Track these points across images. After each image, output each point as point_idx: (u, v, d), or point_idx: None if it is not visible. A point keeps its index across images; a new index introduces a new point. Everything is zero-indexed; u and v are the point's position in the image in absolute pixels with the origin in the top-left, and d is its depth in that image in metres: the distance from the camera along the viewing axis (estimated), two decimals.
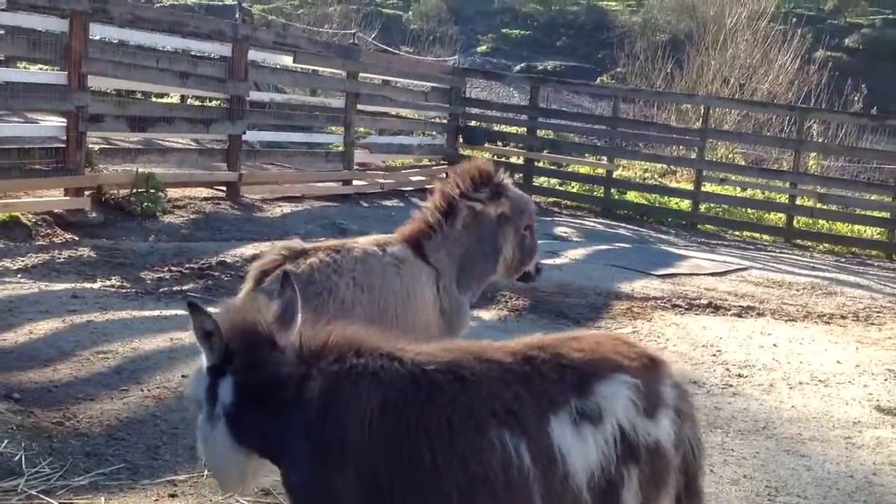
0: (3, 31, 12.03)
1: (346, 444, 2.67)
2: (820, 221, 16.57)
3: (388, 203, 14.86)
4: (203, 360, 2.91)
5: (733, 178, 17.05)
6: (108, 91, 14.74)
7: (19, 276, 8.02)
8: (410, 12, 45.68)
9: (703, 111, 17.17)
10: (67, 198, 10.21)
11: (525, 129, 18.41)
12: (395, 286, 4.42)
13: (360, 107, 14.90)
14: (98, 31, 11.03)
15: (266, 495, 4.28)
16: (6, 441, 4.56)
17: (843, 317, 9.71)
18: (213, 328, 2.82)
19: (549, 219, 15.56)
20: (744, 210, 17.11)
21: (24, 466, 4.36)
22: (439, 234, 4.79)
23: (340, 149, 14.87)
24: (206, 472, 4.52)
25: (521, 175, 17.82)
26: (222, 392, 2.84)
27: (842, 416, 6.27)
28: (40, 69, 14.65)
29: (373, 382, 2.71)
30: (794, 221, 16.14)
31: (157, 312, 7.24)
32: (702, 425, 2.99)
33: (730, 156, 20.66)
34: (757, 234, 16.37)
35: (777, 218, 16.70)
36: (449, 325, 4.69)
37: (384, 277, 4.41)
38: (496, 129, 18.91)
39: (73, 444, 4.71)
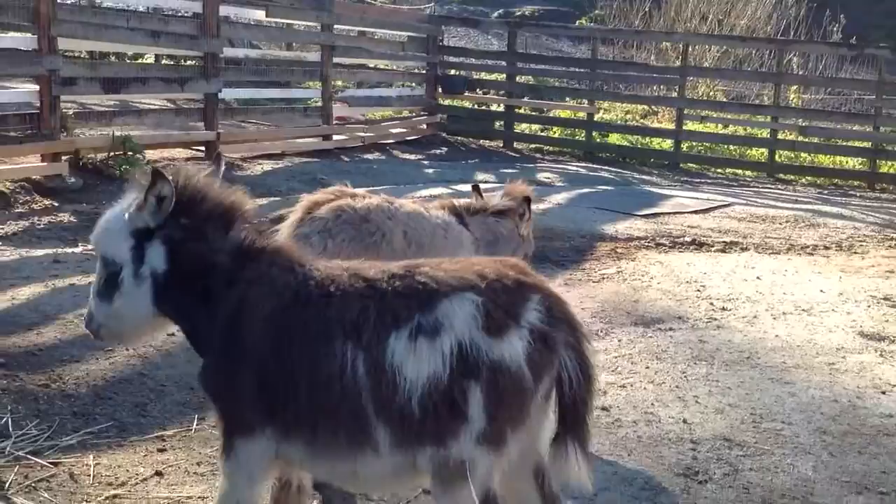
0: None
1: (246, 342, 2.92)
2: (802, 154, 16.59)
3: (369, 157, 14.79)
4: (125, 217, 3.09)
5: (714, 115, 16.99)
6: (81, 54, 14.58)
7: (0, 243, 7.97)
8: None
9: (681, 49, 17.05)
10: (45, 164, 10.10)
11: (504, 76, 18.28)
12: (441, 247, 4.43)
13: (336, 60, 14.75)
14: None
15: None
16: None
17: (826, 247, 9.76)
18: (168, 195, 3.00)
19: (531, 165, 15.55)
20: (726, 147, 17.10)
21: (10, 429, 4.35)
22: (481, 216, 4.84)
23: (319, 104, 14.74)
24: (194, 426, 4.55)
25: (501, 122, 17.78)
26: (152, 257, 3.06)
27: (825, 344, 6.32)
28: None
29: (271, 291, 2.95)
30: (776, 156, 16.15)
31: None
32: (593, 354, 2.91)
33: (711, 93, 20.59)
34: (739, 171, 16.38)
35: (759, 153, 16.71)
36: None
37: (433, 237, 4.45)
38: (475, 77, 18.77)
39: (60, 405, 4.71)
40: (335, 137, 14.74)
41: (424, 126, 17.18)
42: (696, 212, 11.40)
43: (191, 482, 4.04)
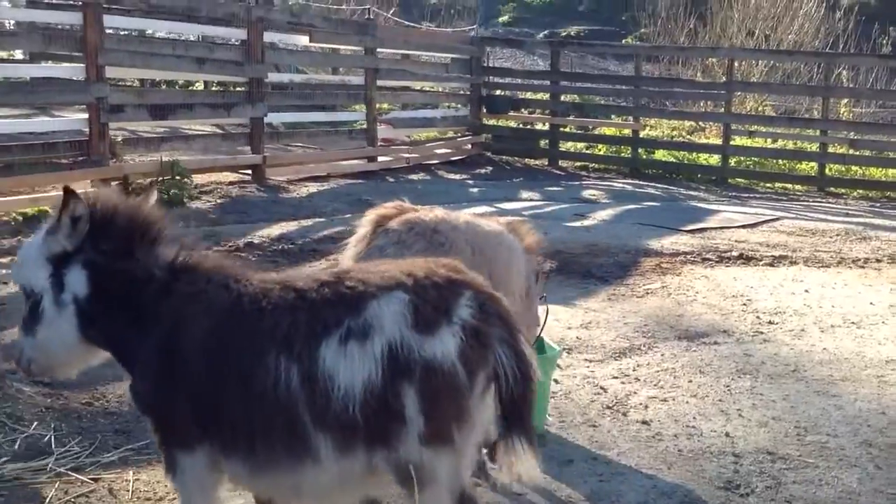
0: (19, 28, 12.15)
1: (181, 360, 2.89)
2: (853, 168, 16.29)
3: (414, 177, 14.85)
4: (39, 246, 3.03)
5: (762, 129, 16.78)
6: (133, 83, 14.89)
7: None
8: None
9: (727, 64, 16.89)
10: (94, 190, 10.29)
11: (549, 95, 18.26)
12: (497, 254, 4.45)
13: (380, 82, 14.87)
14: (113, 22, 11.10)
15: None
16: (35, 423, 4.64)
17: (877, 260, 9.56)
18: (83, 214, 2.96)
19: (576, 183, 15.48)
20: (775, 161, 16.85)
21: (53, 446, 4.43)
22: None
23: (363, 126, 14.86)
24: None
25: (546, 141, 17.76)
26: (72, 282, 2.99)
27: (874, 356, 6.19)
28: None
29: (207, 308, 2.91)
30: (826, 169, 15.88)
31: None
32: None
33: (759, 108, 20.36)
34: (789, 185, 16.13)
35: (809, 167, 16.45)
36: (529, 307, 4.68)
37: (490, 245, 4.46)
38: (520, 97, 18.78)
39: (102, 423, 4.78)
40: (380, 159, 14.83)
41: (469, 146, 17.22)
42: (743, 226, 11.24)
43: (227, 497, 4.06)
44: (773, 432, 4.83)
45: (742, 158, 16.85)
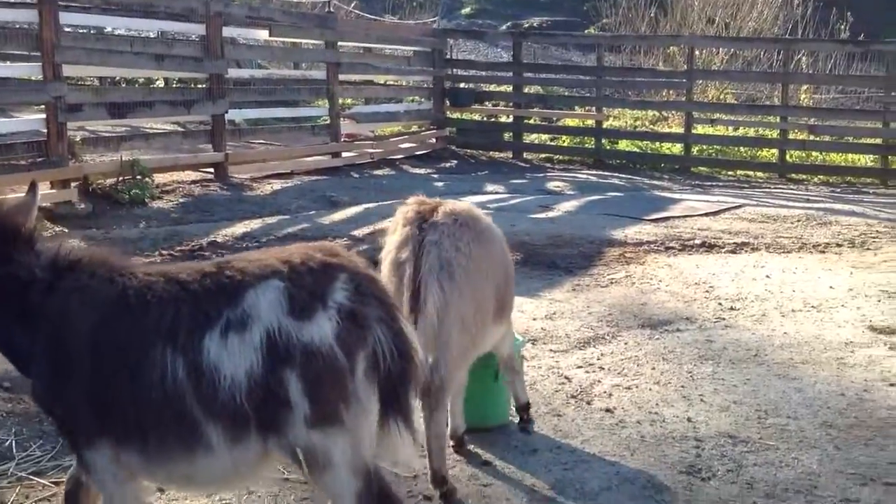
0: None
1: (70, 356, 2.90)
2: (813, 153, 16.48)
3: (379, 172, 14.82)
4: None
5: (724, 117, 16.92)
6: (88, 80, 14.71)
7: None
8: None
9: (688, 52, 17.00)
10: (54, 191, 10.17)
11: (512, 87, 18.29)
12: (500, 247, 4.46)
13: (342, 77, 14.81)
14: (69, 20, 10.96)
15: None
16: None
17: (838, 245, 9.68)
18: None
19: (541, 175, 15.53)
20: (736, 149, 17.00)
21: (14, 451, 4.39)
22: None
23: (327, 121, 14.81)
24: None
25: (511, 134, 17.78)
26: None
27: (834, 339, 6.27)
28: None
29: (92, 302, 2.92)
30: (787, 156, 16.04)
31: None
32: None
33: (721, 97, 20.51)
34: (751, 172, 16.28)
35: (770, 154, 16.61)
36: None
37: (497, 240, 4.44)
38: (483, 89, 18.79)
39: None
40: (344, 154, 14.79)
41: (433, 140, 17.21)
42: (706, 214, 11.33)
43: (191, 497, 4.04)
44: (735, 416, 4.89)
45: (704, 147, 16.99)
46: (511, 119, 17.88)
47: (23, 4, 10.43)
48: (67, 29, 10.97)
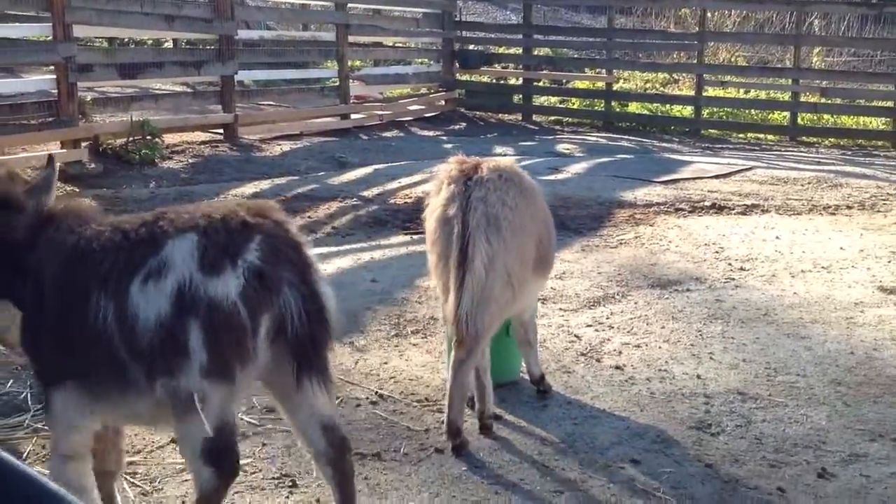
0: None
1: (41, 302, 3.10)
2: (824, 116, 16.38)
3: (388, 134, 14.80)
4: None
5: (735, 80, 16.80)
6: (102, 42, 14.67)
7: None
8: None
9: (699, 14, 16.85)
10: (64, 150, 10.20)
11: (521, 50, 18.18)
12: (542, 202, 4.53)
13: (352, 39, 14.74)
14: None
15: (269, 412, 4.34)
16: (11, 381, 4.66)
17: (848, 207, 9.65)
18: None
19: (550, 137, 15.48)
20: (747, 112, 16.90)
21: (29, 403, 4.44)
22: None
23: (336, 83, 14.76)
24: None
25: (520, 96, 17.70)
26: None
27: (844, 299, 6.28)
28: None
29: (57, 251, 3.11)
30: (799, 118, 15.94)
31: None
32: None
33: (732, 59, 20.35)
34: (761, 135, 16.19)
35: (781, 117, 16.51)
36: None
37: (539, 195, 4.51)
38: (492, 51, 18.68)
39: None
40: (353, 116, 14.76)
41: (442, 102, 17.15)
42: (716, 176, 11.30)
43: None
44: (744, 374, 4.92)
45: (715, 109, 16.88)
46: (520, 81, 17.78)
47: None
48: None
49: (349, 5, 14.78)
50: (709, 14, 17.71)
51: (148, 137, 10.88)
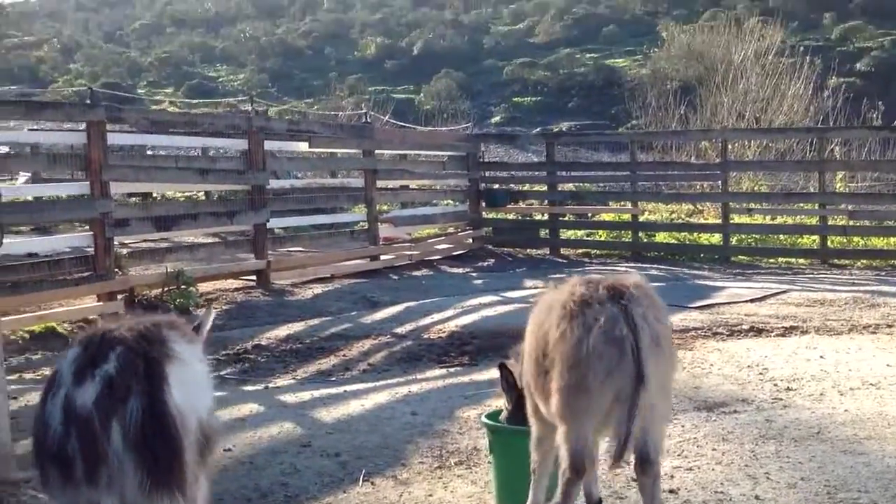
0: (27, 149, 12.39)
1: None
2: (854, 239, 16.35)
3: (417, 273, 14.90)
4: None
5: (761, 206, 16.89)
6: (134, 200, 15.06)
7: None
8: (422, 94, 46.39)
9: (721, 145, 17.10)
10: (101, 303, 10.32)
11: (546, 187, 18.46)
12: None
13: (379, 183, 15.06)
14: (117, 139, 11.31)
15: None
16: None
17: (889, 325, 9.51)
18: None
19: (579, 269, 15.48)
20: (776, 237, 16.91)
21: None
22: None
23: (365, 226, 15.00)
24: None
25: (547, 230, 17.87)
26: None
27: None
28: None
29: None
30: (828, 241, 15.91)
31: None
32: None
33: (755, 188, 20.53)
34: (792, 259, 16.14)
35: (811, 240, 16.48)
36: None
37: None
38: (518, 189, 18.99)
39: None
40: (383, 258, 14.92)
41: (470, 240, 17.33)
42: (751, 300, 11.22)
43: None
44: (804, 493, 4.73)
45: (743, 236, 16.91)
46: (546, 217, 17.98)
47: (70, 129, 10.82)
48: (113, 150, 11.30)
49: (377, 152, 15.16)
50: (729, 146, 17.96)
51: (182, 287, 11.02)
